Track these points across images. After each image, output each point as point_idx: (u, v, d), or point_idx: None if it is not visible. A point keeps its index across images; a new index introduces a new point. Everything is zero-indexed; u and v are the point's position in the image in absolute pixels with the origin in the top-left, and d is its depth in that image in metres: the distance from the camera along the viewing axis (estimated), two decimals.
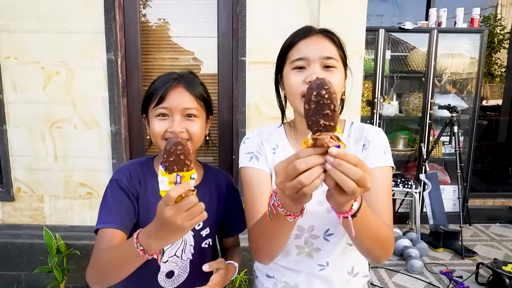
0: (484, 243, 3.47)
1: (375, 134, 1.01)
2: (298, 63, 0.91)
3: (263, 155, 1.01)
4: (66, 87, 2.49)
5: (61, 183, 2.61)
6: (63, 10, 2.40)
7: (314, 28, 0.95)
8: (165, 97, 0.97)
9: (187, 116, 0.99)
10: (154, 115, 1.00)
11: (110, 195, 0.99)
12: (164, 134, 0.98)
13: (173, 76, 1.01)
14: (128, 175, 1.02)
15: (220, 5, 2.48)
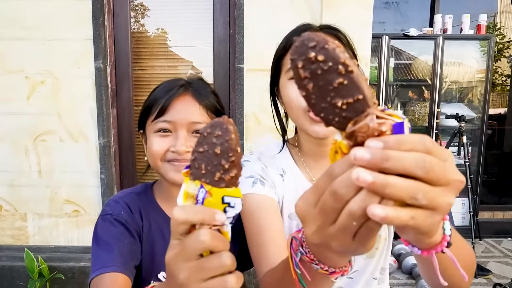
0: (497, 260, 3.28)
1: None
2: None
3: (269, 181, 0.82)
4: (52, 97, 2.33)
5: (46, 200, 2.43)
6: (48, 15, 2.26)
7: (312, 25, 0.80)
8: (168, 108, 0.78)
9: (195, 132, 0.79)
10: (153, 130, 0.80)
11: (105, 233, 0.78)
12: (165, 155, 0.79)
13: (179, 83, 0.81)
14: (126, 207, 0.82)
15: (216, 10, 2.34)
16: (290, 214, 0.82)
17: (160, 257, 0.81)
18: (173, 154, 0.78)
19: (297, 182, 0.83)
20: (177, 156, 0.77)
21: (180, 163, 0.77)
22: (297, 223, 0.82)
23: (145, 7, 2.45)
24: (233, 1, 2.27)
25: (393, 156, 0.30)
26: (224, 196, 0.38)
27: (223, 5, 2.32)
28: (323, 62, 0.32)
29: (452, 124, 3.46)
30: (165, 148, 0.78)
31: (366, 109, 0.33)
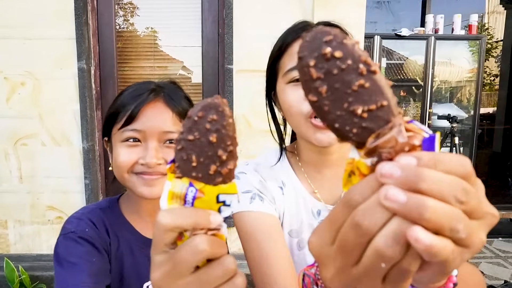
0: (489, 260, 3.28)
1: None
2: (295, 73, 0.68)
3: (268, 196, 0.75)
4: (33, 99, 2.23)
5: (27, 206, 2.33)
6: (28, 14, 2.15)
7: (310, 23, 0.72)
8: (137, 116, 0.70)
9: (167, 142, 0.72)
10: (120, 139, 0.72)
11: (70, 253, 0.69)
12: (133, 167, 0.71)
13: (150, 87, 0.73)
14: (91, 224, 0.73)
15: (204, 9, 2.26)
16: (290, 231, 0.76)
17: (130, 276, 0.74)
18: (143, 166, 0.70)
19: (297, 194, 0.77)
20: (147, 169, 0.70)
21: (150, 177, 0.70)
22: (298, 240, 0.76)
23: (134, 5, 2.37)
24: (222, 0, 2.20)
25: (429, 177, 0.24)
26: (220, 194, 0.32)
27: (211, 3, 2.25)
28: (341, 59, 0.26)
29: (444, 125, 3.45)
30: (133, 159, 0.70)
31: (391, 118, 0.26)
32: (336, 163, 0.76)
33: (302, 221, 0.76)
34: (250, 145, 2.26)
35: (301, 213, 0.76)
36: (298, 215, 0.76)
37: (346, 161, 0.30)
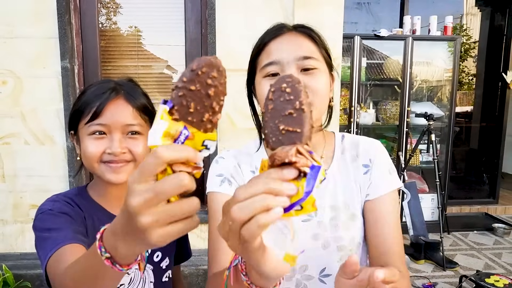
0: (464, 252, 3.42)
1: (376, 150, 0.87)
2: (269, 68, 0.76)
3: (238, 180, 0.85)
4: (14, 98, 2.23)
5: (10, 205, 2.32)
6: (8, 12, 2.15)
7: (286, 25, 0.80)
8: (101, 112, 0.80)
9: (129, 133, 0.82)
10: (87, 132, 0.81)
11: (48, 222, 0.74)
12: (101, 157, 0.80)
13: (110, 86, 0.83)
14: (67, 203, 0.81)
15: (187, 9, 2.30)
16: None
17: None
18: (109, 155, 0.80)
19: None
20: (113, 158, 0.80)
21: (116, 164, 0.80)
22: None
23: (117, 4, 2.38)
24: (204, 0, 2.24)
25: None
26: (205, 140, 0.39)
27: (194, 4, 2.28)
28: (288, 94, 0.41)
29: (422, 123, 3.57)
30: (100, 150, 0.80)
31: (296, 142, 0.39)
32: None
33: None
34: (233, 143, 2.31)
35: None
36: None
37: (262, 159, 0.43)
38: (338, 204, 0.84)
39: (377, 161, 0.86)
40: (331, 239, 0.82)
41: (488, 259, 3.27)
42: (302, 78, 0.72)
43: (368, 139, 0.90)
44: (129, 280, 0.87)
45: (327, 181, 0.85)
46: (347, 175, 0.86)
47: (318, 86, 0.76)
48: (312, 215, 0.82)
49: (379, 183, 0.84)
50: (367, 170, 0.85)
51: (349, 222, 0.83)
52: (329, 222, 0.82)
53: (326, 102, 0.80)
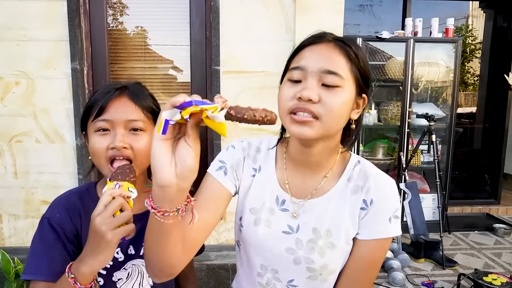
0: (464, 252, 3.45)
1: (384, 192, 0.81)
2: (294, 73, 0.76)
3: (236, 174, 0.88)
4: (27, 98, 2.32)
5: (22, 201, 2.42)
6: (22, 16, 2.24)
7: (327, 35, 0.79)
8: (105, 108, 0.84)
9: (132, 130, 0.85)
10: (93, 129, 0.85)
11: (39, 238, 0.84)
12: (106, 152, 0.84)
13: (117, 86, 0.88)
14: (62, 209, 0.86)
15: (192, 13, 2.38)
16: (251, 209, 0.87)
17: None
18: (113, 150, 0.83)
19: (268, 180, 0.87)
20: (116, 152, 0.83)
21: (120, 162, 0.84)
22: (255, 218, 0.86)
23: (123, 4, 2.47)
24: (209, 4, 2.32)
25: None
26: (129, 187, 0.75)
27: (199, 8, 2.37)
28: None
29: (423, 123, 3.61)
30: (105, 145, 0.84)
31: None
32: (314, 166, 0.84)
33: (264, 203, 0.86)
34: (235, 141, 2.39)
35: (265, 196, 0.86)
36: (262, 198, 0.87)
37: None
38: (320, 229, 0.82)
39: (380, 204, 0.80)
40: (303, 259, 0.82)
41: (487, 259, 3.30)
42: (320, 92, 0.72)
43: (382, 177, 0.84)
44: (127, 275, 0.91)
45: (319, 203, 0.84)
46: (343, 205, 0.83)
47: (334, 104, 0.72)
48: (293, 229, 0.83)
49: (372, 228, 0.80)
50: (364, 209, 0.81)
51: (326, 250, 0.82)
52: (306, 243, 0.82)
53: (340, 122, 0.76)
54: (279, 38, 2.31)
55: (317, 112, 0.72)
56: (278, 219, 0.85)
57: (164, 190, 0.59)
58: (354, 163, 0.86)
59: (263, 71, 2.34)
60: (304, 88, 0.73)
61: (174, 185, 0.59)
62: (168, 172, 0.58)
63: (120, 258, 0.90)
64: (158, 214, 0.62)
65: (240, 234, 0.89)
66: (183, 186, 0.61)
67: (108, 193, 0.70)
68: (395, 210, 0.81)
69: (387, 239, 0.81)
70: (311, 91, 0.72)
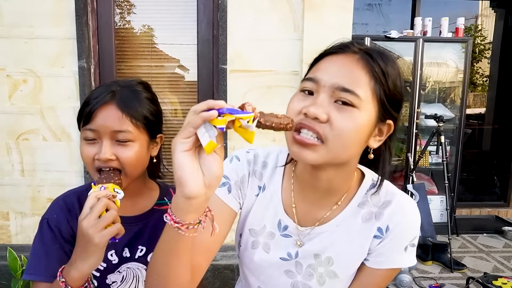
0: (473, 255, 3.41)
1: (402, 218, 0.72)
2: (307, 84, 0.67)
3: (240, 192, 0.80)
4: (34, 96, 2.33)
5: (28, 199, 2.43)
6: (30, 14, 2.25)
7: (354, 45, 0.67)
8: (92, 116, 0.80)
9: (119, 140, 0.81)
10: (82, 136, 0.83)
11: (39, 238, 0.85)
12: (93, 162, 0.82)
13: (109, 90, 0.83)
14: (60, 210, 0.87)
15: (200, 11, 2.37)
16: (250, 230, 0.81)
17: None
18: (99, 162, 0.81)
19: (272, 202, 0.80)
20: (102, 164, 0.80)
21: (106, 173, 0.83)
22: (253, 240, 0.81)
23: (131, 3, 2.46)
24: (216, 3, 2.31)
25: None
26: (114, 188, 0.76)
27: (206, 6, 2.35)
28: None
29: (431, 124, 3.57)
30: (92, 154, 0.81)
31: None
32: (324, 192, 0.75)
33: (264, 226, 0.80)
34: (242, 143, 2.37)
35: (266, 219, 0.80)
36: (263, 220, 0.80)
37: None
38: (321, 255, 0.76)
39: (397, 231, 0.72)
40: (300, 284, 0.78)
41: (497, 262, 3.25)
42: (331, 110, 0.63)
43: (402, 200, 0.74)
44: (121, 278, 0.90)
45: (325, 229, 0.76)
46: (350, 233, 0.75)
47: (344, 127, 0.62)
48: (292, 256, 0.78)
49: (385, 257, 0.73)
50: (379, 238, 0.74)
51: (326, 278, 0.77)
52: (305, 268, 0.78)
53: (350, 149, 0.66)
54: (287, 37, 2.29)
55: (323, 134, 0.63)
56: (278, 245, 0.79)
57: (191, 201, 0.55)
58: (368, 186, 0.76)
59: (271, 70, 2.32)
60: (313, 103, 0.63)
61: (203, 194, 0.55)
62: (196, 184, 0.54)
63: (114, 260, 0.89)
64: (183, 228, 0.56)
65: (239, 251, 0.85)
66: (209, 195, 0.57)
67: (94, 195, 0.70)
68: (413, 237, 0.73)
69: (397, 269, 0.74)
70: (319, 108, 0.62)
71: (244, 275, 0.87)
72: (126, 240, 0.88)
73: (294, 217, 0.78)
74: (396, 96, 0.67)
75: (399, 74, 0.68)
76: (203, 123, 0.51)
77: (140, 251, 0.91)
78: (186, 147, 0.53)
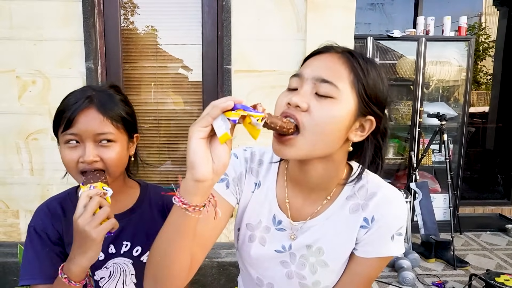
0: (476, 252, 3.42)
1: (386, 210, 0.76)
2: (292, 81, 0.73)
3: (238, 188, 0.86)
4: (43, 97, 2.38)
5: (38, 197, 2.48)
6: (38, 17, 2.29)
7: (337, 47, 0.74)
8: (73, 122, 0.83)
9: (101, 141, 0.85)
10: (63, 141, 0.85)
11: (29, 245, 0.90)
12: (77, 165, 0.85)
13: (85, 95, 0.86)
14: (44, 216, 0.92)
15: (204, 13, 2.41)
16: (247, 224, 0.87)
17: None
18: (83, 164, 0.84)
19: (267, 198, 0.85)
20: (86, 166, 0.84)
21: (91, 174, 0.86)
22: (250, 234, 0.86)
23: (136, 4, 2.50)
24: (220, 4, 2.34)
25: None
26: (103, 186, 0.79)
27: (211, 8, 2.39)
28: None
29: (434, 123, 3.59)
30: (75, 158, 0.84)
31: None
32: (314, 187, 0.80)
33: (260, 221, 0.85)
34: (246, 141, 2.40)
35: (262, 214, 0.85)
36: (259, 215, 0.85)
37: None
38: (313, 246, 0.81)
39: (383, 221, 0.76)
40: (295, 274, 0.83)
41: (500, 259, 3.27)
42: (311, 100, 0.68)
43: (387, 191, 0.78)
44: (109, 274, 0.94)
45: (316, 222, 0.81)
46: (339, 224, 0.80)
47: (321, 115, 0.67)
48: (286, 249, 0.83)
49: (372, 246, 0.77)
50: (365, 228, 0.78)
51: (317, 267, 0.81)
52: (298, 258, 0.82)
53: (328, 140, 0.70)
54: (290, 37, 2.32)
55: (301, 122, 0.67)
56: (273, 238, 0.84)
57: (199, 184, 0.60)
58: (355, 180, 0.79)
59: (274, 70, 2.35)
60: (298, 93, 0.69)
61: (210, 179, 0.61)
62: (206, 168, 0.60)
63: (101, 257, 0.92)
64: (190, 209, 0.62)
65: (237, 245, 0.91)
66: (215, 181, 0.63)
67: (85, 194, 0.74)
68: (399, 227, 0.76)
69: (386, 258, 0.78)
70: (300, 97, 0.68)
71: (244, 267, 0.92)
72: (111, 237, 0.92)
73: (287, 212, 0.83)
74: (378, 94, 0.73)
75: (380, 75, 0.73)
76: (221, 113, 0.57)
77: (125, 246, 0.95)
78: (202, 135, 0.58)
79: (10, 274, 2.41)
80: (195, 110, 2.56)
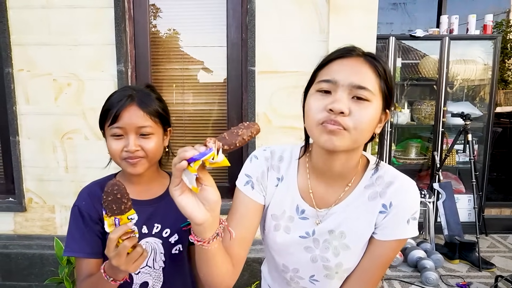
0: (502, 255, 3.36)
1: (403, 197, 0.84)
2: (323, 85, 0.78)
3: (262, 186, 0.93)
4: (77, 98, 2.52)
5: (72, 193, 2.62)
6: (73, 23, 2.43)
7: (357, 49, 0.81)
8: (118, 117, 0.97)
9: (142, 134, 0.99)
10: (109, 134, 1.00)
11: (72, 223, 1.02)
12: (121, 154, 0.99)
13: (127, 93, 1.00)
14: (87, 197, 1.03)
15: (229, 16, 2.49)
16: (272, 215, 0.94)
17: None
18: (127, 153, 0.98)
19: (290, 190, 0.92)
20: (130, 154, 0.98)
21: (133, 160, 0.99)
22: (275, 224, 0.93)
23: (161, 9, 2.60)
24: (245, 7, 2.42)
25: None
26: (128, 216, 0.79)
27: (235, 11, 2.47)
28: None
29: (458, 122, 3.54)
30: (120, 148, 0.98)
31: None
32: (337, 176, 0.88)
33: (284, 211, 0.92)
34: (269, 140, 2.47)
35: (286, 205, 0.92)
36: (282, 205, 0.92)
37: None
38: (335, 231, 0.88)
39: (400, 206, 0.84)
40: (319, 257, 0.90)
41: None
42: (350, 105, 0.75)
43: (402, 180, 0.86)
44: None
45: (338, 209, 0.88)
46: (359, 211, 0.87)
47: (363, 117, 0.75)
48: (309, 234, 0.90)
49: (391, 229, 0.84)
50: (383, 213, 0.85)
51: (340, 250, 0.88)
52: (322, 243, 0.89)
53: (366, 135, 0.79)
54: (313, 38, 2.37)
55: (346, 125, 0.75)
56: (297, 226, 0.91)
57: (202, 226, 0.71)
58: (372, 170, 0.88)
59: (297, 71, 2.41)
60: (335, 100, 0.75)
61: (209, 218, 0.71)
62: (200, 213, 0.70)
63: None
64: (205, 244, 0.73)
65: (263, 235, 0.99)
66: (216, 215, 0.73)
67: (114, 238, 0.78)
68: (414, 212, 0.84)
69: (403, 240, 0.86)
70: (341, 104, 0.74)
71: (270, 255, 0.99)
72: (144, 219, 1.04)
73: (311, 201, 0.90)
74: (393, 89, 0.82)
75: (391, 72, 0.83)
76: (180, 173, 0.66)
77: (156, 228, 1.06)
78: (179, 192, 0.69)
79: (47, 265, 2.56)
80: (220, 111, 2.64)
